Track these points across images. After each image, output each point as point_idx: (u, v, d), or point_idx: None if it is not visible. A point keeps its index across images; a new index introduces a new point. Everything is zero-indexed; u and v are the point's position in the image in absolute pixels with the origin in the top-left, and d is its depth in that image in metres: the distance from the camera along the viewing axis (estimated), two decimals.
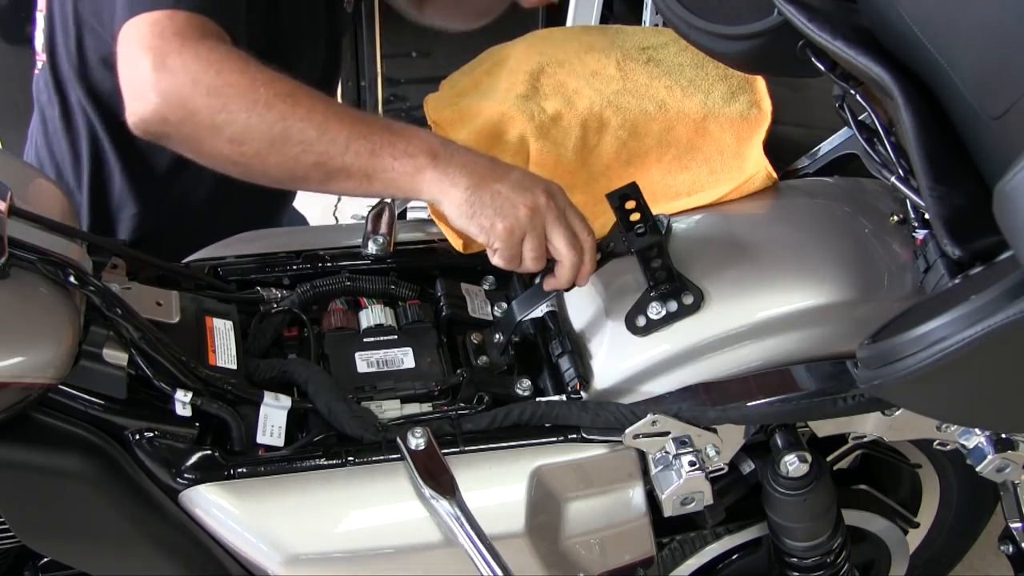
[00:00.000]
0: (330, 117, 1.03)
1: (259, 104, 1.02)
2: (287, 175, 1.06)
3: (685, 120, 1.32)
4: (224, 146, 1.03)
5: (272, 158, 1.03)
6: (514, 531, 1.08)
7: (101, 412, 0.99)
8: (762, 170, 1.26)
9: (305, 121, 1.02)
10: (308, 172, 1.05)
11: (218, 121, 1.01)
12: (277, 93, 1.03)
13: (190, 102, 1.01)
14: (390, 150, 1.04)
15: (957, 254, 0.85)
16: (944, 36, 0.85)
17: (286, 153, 1.03)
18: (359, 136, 1.03)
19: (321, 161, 1.03)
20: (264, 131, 1.02)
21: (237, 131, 1.02)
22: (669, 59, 1.39)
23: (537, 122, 1.31)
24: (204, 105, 1.01)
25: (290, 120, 1.02)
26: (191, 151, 1.06)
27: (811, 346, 1.13)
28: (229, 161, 1.05)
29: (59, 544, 1.04)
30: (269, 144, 1.02)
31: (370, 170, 1.04)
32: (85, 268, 1.01)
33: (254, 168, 1.05)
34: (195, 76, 1.01)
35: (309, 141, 1.02)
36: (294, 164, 1.04)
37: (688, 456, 1.11)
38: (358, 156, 1.03)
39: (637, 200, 1.16)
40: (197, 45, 1.03)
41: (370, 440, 1.07)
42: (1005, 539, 1.34)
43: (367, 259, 1.25)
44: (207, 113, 1.01)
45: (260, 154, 1.03)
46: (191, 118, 1.02)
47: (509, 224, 1.05)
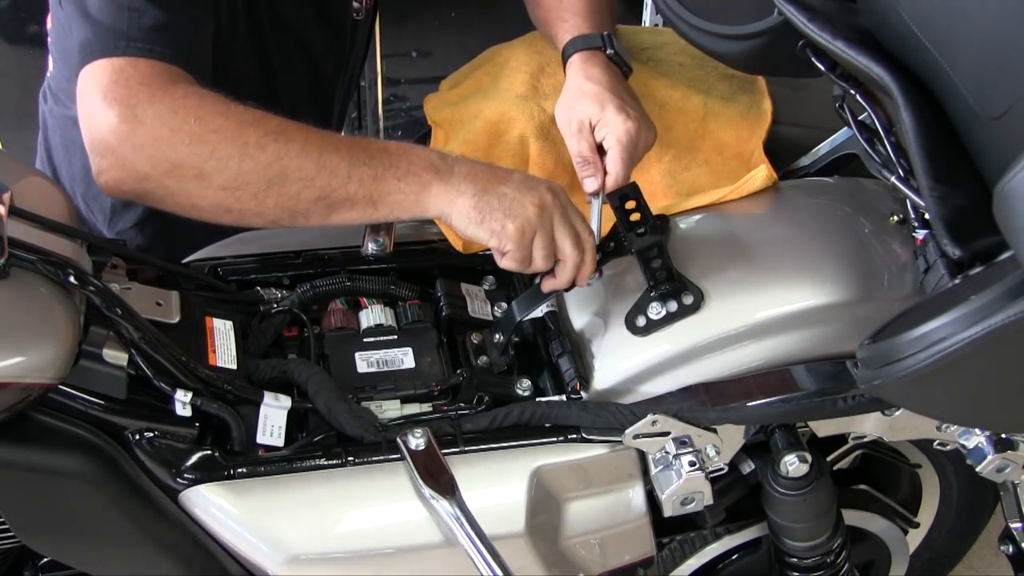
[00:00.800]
0: (326, 149, 1.01)
1: (250, 146, 0.98)
2: (287, 214, 1.02)
3: (685, 120, 1.33)
4: (215, 195, 0.99)
5: (270, 200, 1.00)
6: (514, 531, 1.08)
7: (101, 412, 0.99)
8: (762, 170, 1.26)
9: (302, 157, 0.99)
10: (310, 207, 1.02)
11: (207, 169, 0.97)
12: (267, 132, 0.99)
13: (171, 154, 0.97)
14: (393, 172, 1.02)
15: (957, 254, 0.85)
16: (944, 36, 0.85)
17: (285, 192, 1.00)
18: (359, 163, 1.01)
19: (323, 195, 1.01)
20: (260, 174, 0.98)
21: (229, 177, 0.98)
22: (669, 59, 1.40)
23: (537, 122, 1.31)
24: (187, 155, 0.97)
25: (286, 158, 0.99)
26: (176, 205, 1.01)
27: (811, 346, 1.13)
28: (221, 209, 1.01)
29: (59, 544, 1.04)
30: (267, 186, 0.99)
31: (375, 195, 1.02)
32: (85, 268, 1.01)
33: (249, 211, 1.01)
34: (172, 126, 0.97)
35: (309, 176, 1.00)
36: (295, 202, 1.01)
37: (688, 456, 1.11)
38: (361, 184, 1.01)
39: (637, 200, 1.16)
40: (168, 92, 0.98)
41: (370, 440, 1.07)
42: (1005, 539, 1.34)
43: (367, 259, 1.25)
44: (193, 163, 0.97)
45: (257, 197, 1.00)
46: (174, 171, 0.97)
47: (520, 224, 1.04)
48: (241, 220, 1.03)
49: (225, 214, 1.02)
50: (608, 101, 1.19)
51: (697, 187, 1.31)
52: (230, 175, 0.98)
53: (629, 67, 1.29)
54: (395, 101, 2.47)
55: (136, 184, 0.99)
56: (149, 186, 0.99)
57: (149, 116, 0.97)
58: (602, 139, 1.19)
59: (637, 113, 1.20)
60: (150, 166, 0.97)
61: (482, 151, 1.31)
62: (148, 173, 0.98)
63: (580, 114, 1.20)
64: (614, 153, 1.18)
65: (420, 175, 1.03)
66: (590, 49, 1.26)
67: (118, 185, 1.00)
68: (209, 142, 0.97)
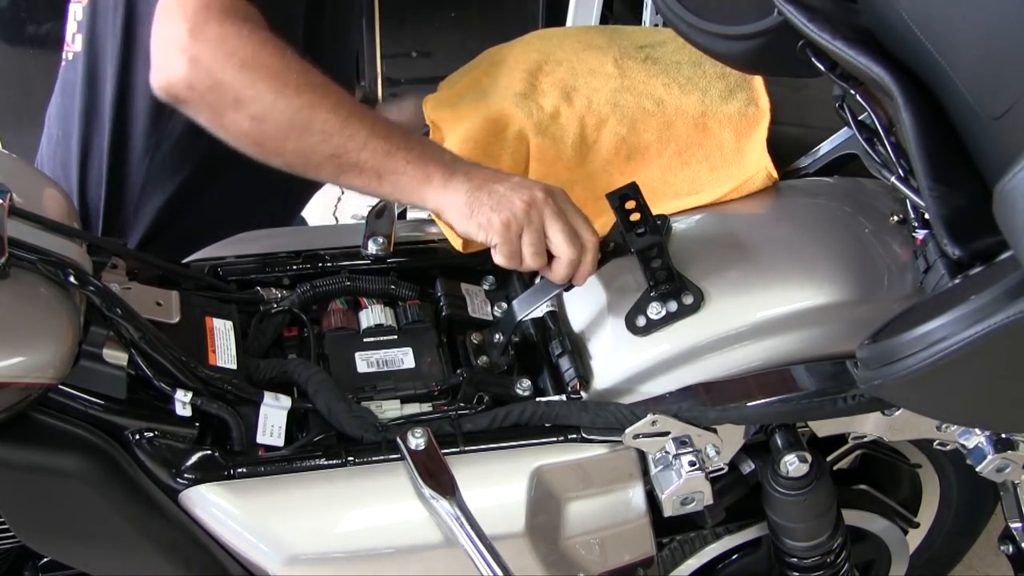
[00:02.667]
0: (354, 114, 1.06)
1: (289, 88, 1.04)
2: (301, 162, 1.07)
3: (683, 117, 1.33)
4: (244, 122, 1.05)
5: (290, 143, 1.06)
6: (514, 531, 1.08)
7: (101, 412, 0.99)
8: (762, 169, 1.26)
9: (331, 113, 1.05)
10: (323, 162, 1.07)
11: (244, 96, 1.03)
12: (309, 83, 1.05)
13: (219, 72, 1.03)
14: (404, 154, 1.07)
15: (957, 254, 0.85)
16: (944, 36, 0.85)
17: (305, 140, 1.05)
18: (378, 136, 1.06)
19: (338, 154, 1.06)
20: (289, 115, 1.04)
21: (261, 110, 1.04)
22: (667, 57, 1.40)
23: (536, 119, 1.31)
24: (233, 78, 1.03)
25: (316, 110, 1.04)
26: (209, 121, 1.07)
27: (811, 346, 1.13)
28: (247, 138, 1.06)
29: (59, 544, 1.04)
30: (290, 128, 1.04)
31: (382, 170, 1.06)
32: (85, 268, 1.01)
33: (269, 149, 1.07)
34: (230, 49, 1.03)
35: (330, 132, 1.05)
36: (311, 152, 1.06)
37: (688, 456, 1.11)
38: (374, 154, 1.06)
39: (637, 200, 1.16)
40: (237, 23, 1.05)
41: (370, 440, 1.07)
42: (1005, 539, 1.34)
43: (367, 259, 1.25)
44: (235, 86, 1.03)
45: (279, 137, 1.05)
46: (217, 88, 1.03)
47: (505, 217, 1.06)
48: (262, 155, 1.08)
49: (249, 144, 1.07)
50: None
51: (697, 184, 1.31)
52: (262, 108, 1.03)
53: None
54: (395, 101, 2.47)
55: (181, 91, 1.05)
56: (191, 96, 1.05)
57: (212, 36, 1.03)
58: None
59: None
60: (198, 77, 1.03)
61: (481, 148, 1.31)
62: (194, 84, 1.04)
63: None
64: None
65: (428, 165, 1.07)
66: None
67: (168, 88, 1.05)
68: (255, 73, 1.03)
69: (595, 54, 1.39)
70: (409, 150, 1.07)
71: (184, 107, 1.07)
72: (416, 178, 1.07)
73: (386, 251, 1.23)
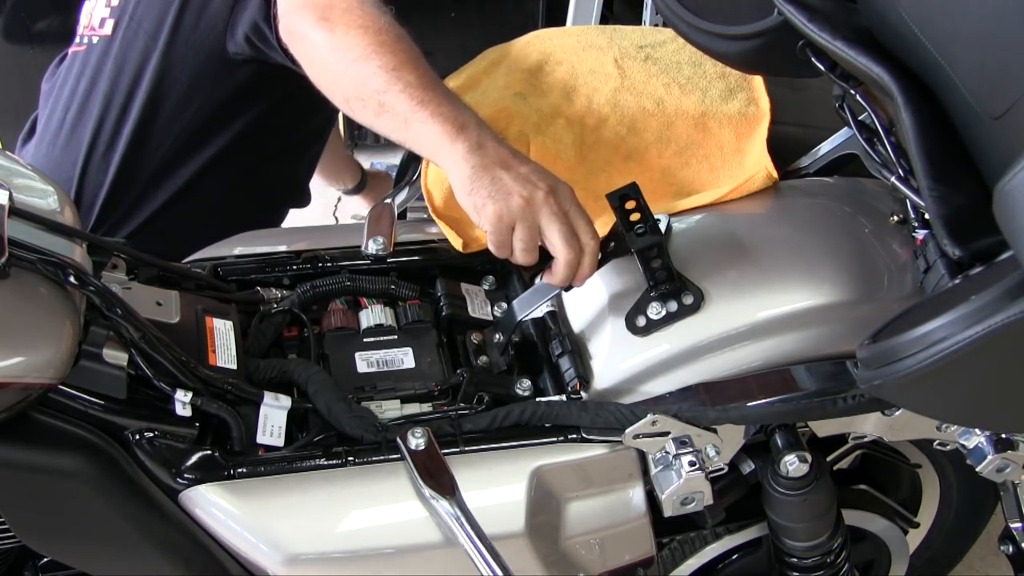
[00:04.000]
0: (410, 62, 1.14)
1: (370, 30, 1.15)
2: (355, 90, 1.15)
3: (683, 117, 1.33)
4: (323, 49, 1.17)
5: (351, 72, 1.15)
6: (514, 531, 1.08)
7: (101, 412, 0.99)
8: (763, 169, 1.26)
9: (392, 54, 1.14)
10: (367, 98, 1.14)
11: (336, 33, 1.15)
12: (393, 28, 1.16)
13: (327, 10, 1.16)
14: (434, 107, 1.10)
15: (957, 254, 0.85)
16: (944, 36, 0.85)
17: (363, 70, 1.14)
18: (419, 86, 1.12)
19: (381, 89, 1.12)
20: (359, 51, 1.14)
21: (337, 40, 1.15)
22: (667, 57, 1.40)
23: (536, 119, 1.31)
24: (338, 15, 1.16)
25: (382, 49, 1.14)
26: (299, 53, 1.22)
27: (811, 346, 1.13)
28: (320, 64, 1.19)
29: (59, 544, 1.04)
30: (354, 59, 1.14)
31: (409, 116, 1.11)
32: (85, 268, 1.01)
33: (332, 77, 1.18)
34: (346, 7, 1.16)
35: (384, 68, 1.13)
36: (363, 83, 1.14)
37: (688, 456, 1.11)
38: (409, 100, 1.11)
39: (637, 200, 1.16)
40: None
41: (370, 440, 1.07)
42: (1005, 539, 1.34)
43: (367, 259, 1.25)
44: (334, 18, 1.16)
45: (341, 64, 1.16)
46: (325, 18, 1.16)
47: (499, 209, 1.06)
48: (325, 84, 1.20)
49: (320, 69, 1.20)
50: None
51: (697, 184, 1.31)
52: (338, 38, 1.16)
53: None
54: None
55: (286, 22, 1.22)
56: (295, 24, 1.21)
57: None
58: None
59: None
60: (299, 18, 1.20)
61: None
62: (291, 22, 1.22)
63: None
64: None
65: (447, 123, 1.10)
66: None
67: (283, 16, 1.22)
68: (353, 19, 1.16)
69: (595, 54, 1.39)
70: (439, 104, 1.11)
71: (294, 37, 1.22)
72: (435, 133, 1.09)
73: (386, 251, 1.23)
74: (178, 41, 1.38)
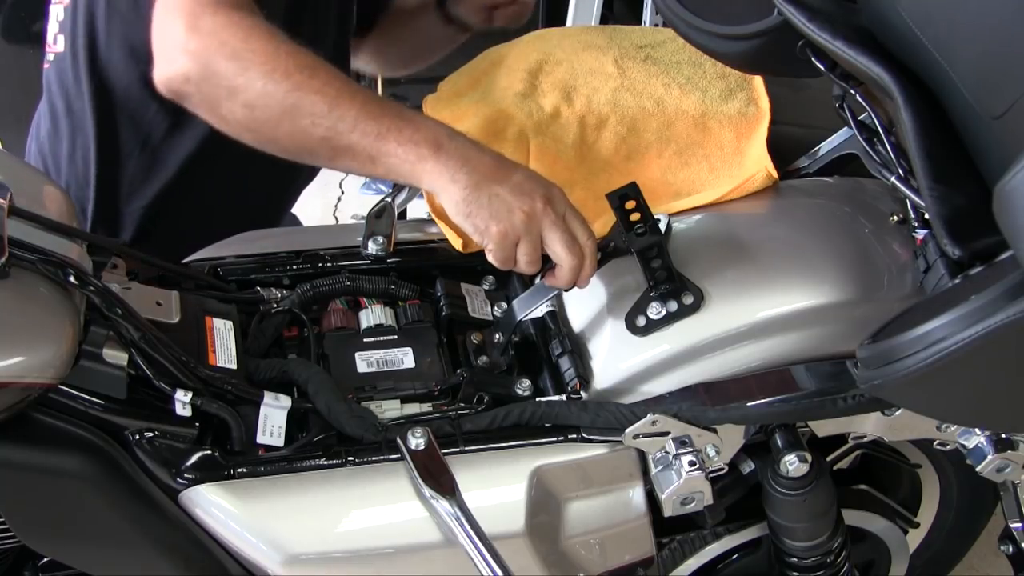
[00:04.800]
0: (343, 94, 1.05)
1: (277, 72, 1.03)
2: (297, 147, 1.07)
3: (683, 117, 1.33)
4: (239, 110, 1.05)
5: (283, 128, 1.05)
6: (514, 531, 1.08)
7: (101, 412, 0.99)
8: (763, 169, 1.26)
9: (318, 95, 1.04)
10: (316, 146, 1.06)
11: (236, 84, 1.03)
12: (297, 64, 1.04)
13: (214, 63, 1.03)
14: (396, 135, 1.05)
15: (957, 254, 0.85)
16: (944, 36, 0.85)
17: (296, 124, 1.04)
18: (368, 117, 1.04)
19: (329, 137, 1.05)
20: (278, 99, 1.03)
21: (253, 97, 1.04)
22: (667, 57, 1.40)
23: (535, 119, 1.31)
24: (225, 68, 1.03)
25: (304, 92, 1.03)
26: (208, 112, 1.08)
27: (811, 346, 1.13)
28: (243, 126, 1.07)
29: (59, 544, 1.04)
30: (281, 113, 1.04)
31: (374, 152, 1.05)
32: (85, 268, 1.01)
33: (265, 135, 1.07)
34: (223, 39, 1.03)
35: (319, 115, 1.04)
36: (304, 136, 1.05)
37: (688, 456, 1.11)
38: (364, 136, 1.04)
39: (637, 200, 1.16)
40: (229, 12, 1.05)
41: (370, 440, 1.07)
42: (1005, 539, 1.34)
43: (367, 259, 1.25)
44: (227, 75, 1.03)
45: (272, 122, 1.05)
46: (212, 79, 1.04)
47: (503, 228, 1.05)
48: (259, 143, 1.08)
49: (246, 133, 1.07)
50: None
51: (697, 184, 1.31)
52: (254, 95, 1.04)
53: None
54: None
55: (180, 85, 1.06)
56: (189, 89, 1.06)
57: (206, 27, 1.04)
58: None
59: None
60: (194, 71, 1.04)
61: None
62: (190, 76, 1.05)
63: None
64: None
65: (420, 147, 1.05)
66: None
67: (168, 83, 1.07)
68: (245, 60, 1.03)
69: (595, 54, 1.39)
70: (400, 131, 1.05)
71: (186, 102, 1.08)
72: (408, 161, 1.05)
73: (386, 251, 1.23)
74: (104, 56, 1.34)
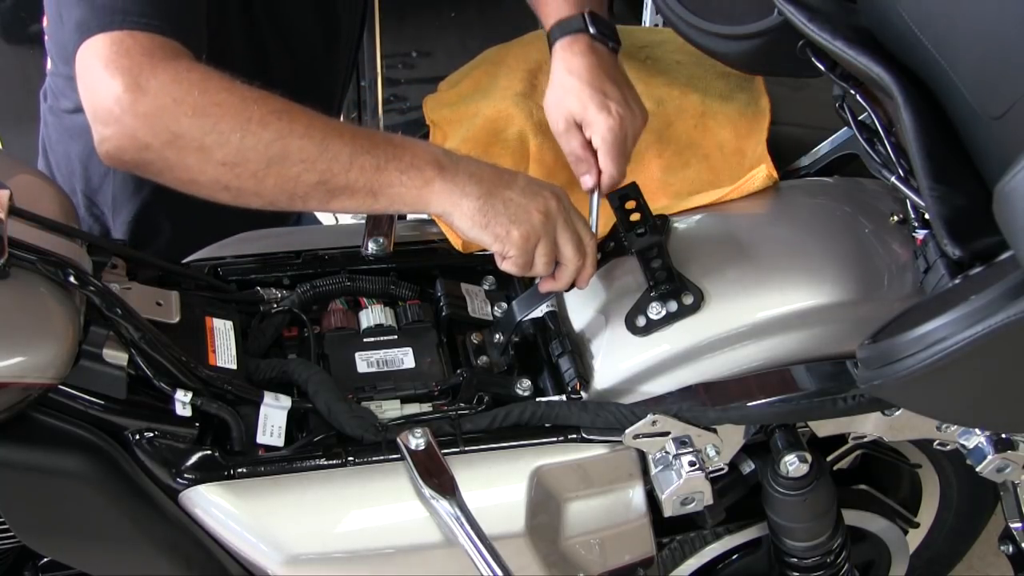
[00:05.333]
0: (329, 133, 0.99)
1: (252, 123, 0.96)
2: (285, 196, 1.00)
3: (684, 117, 1.33)
4: (215, 170, 0.97)
5: (269, 179, 0.98)
6: (514, 531, 1.08)
7: (101, 412, 0.99)
8: (762, 169, 1.26)
9: (305, 138, 0.97)
10: (309, 191, 1.00)
11: (208, 143, 0.95)
12: (271, 110, 0.97)
13: (173, 124, 0.95)
14: (396, 164, 1.00)
15: (957, 254, 0.85)
16: (944, 36, 0.85)
17: (285, 173, 0.98)
18: (362, 151, 0.99)
19: (324, 179, 0.99)
20: (261, 151, 0.96)
21: (230, 153, 0.96)
22: (667, 57, 1.40)
23: (536, 119, 1.31)
24: (189, 127, 0.95)
25: (289, 138, 0.97)
26: (175, 179, 0.99)
27: (811, 346, 1.13)
28: (219, 185, 0.99)
29: (59, 544, 1.04)
30: (267, 164, 0.97)
31: (375, 186, 1.00)
32: (85, 268, 1.01)
33: (247, 190, 0.99)
34: (176, 96, 0.95)
35: (311, 159, 0.98)
36: (294, 184, 0.99)
37: (688, 456, 1.11)
38: (363, 172, 0.99)
39: (637, 200, 1.16)
40: (170, 64, 0.97)
41: (370, 440, 1.07)
42: (1005, 539, 1.34)
43: (367, 259, 1.25)
44: (194, 135, 0.95)
45: (256, 175, 0.98)
46: (175, 142, 0.95)
47: (525, 231, 1.04)
48: (240, 199, 1.00)
49: (223, 192, 0.99)
50: (589, 98, 1.17)
51: (697, 184, 1.31)
52: (231, 150, 0.96)
53: (617, 42, 1.26)
54: (395, 101, 2.47)
55: (137, 153, 0.97)
56: (149, 156, 0.97)
57: (153, 86, 0.95)
58: (590, 137, 1.19)
59: (619, 104, 1.18)
60: (152, 135, 0.95)
61: (481, 148, 1.31)
62: (149, 143, 0.95)
63: (565, 112, 1.20)
64: (602, 153, 1.17)
65: (423, 170, 1.01)
66: (572, 33, 1.23)
67: (119, 154, 0.97)
68: (212, 115, 0.95)
69: None
70: (399, 159, 1.00)
71: (143, 170, 0.99)
72: (414, 187, 1.01)
73: (386, 251, 1.23)
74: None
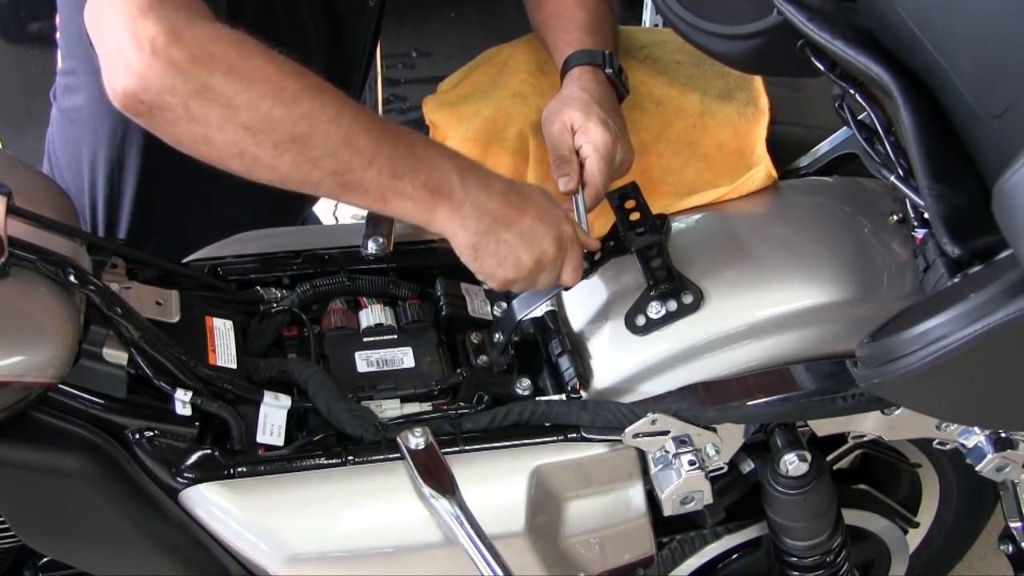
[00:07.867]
0: (357, 125, 0.95)
1: (286, 94, 0.92)
2: (299, 177, 0.96)
3: (683, 116, 1.33)
4: (235, 131, 0.91)
5: (288, 155, 0.94)
6: (514, 531, 1.08)
7: (101, 411, 0.99)
8: (762, 169, 1.26)
9: (333, 124, 0.94)
10: (323, 179, 0.96)
11: (237, 103, 0.90)
12: (306, 86, 0.93)
13: (206, 76, 0.89)
14: (411, 177, 0.98)
15: (956, 253, 0.86)
16: (944, 36, 0.85)
17: (305, 155, 0.94)
18: (384, 155, 0.96)
19: (340, 171, 0.96)
20: (289, 125, 0.92)
21: (256, 118, 0.91)
22: (666, 57, 1.40)
23: (535, 119, 1.31)
24: (222, 82, 0.89)
25: (317, 120, 0.93)
26: (188, 132, 0.93)
27: (811, 345, 1.13)
28: (235, 149, 0.93)
29: (59, 544, 1.04)
30: (289, 141, 0.93)
31: (387, 192, 0.98)
32: (85, 268, 1.01)
33: (263, 161, 0.94)
34: (213, 52, 0.90)
35: (332, 148, 0.94)
36: (311, 168, 0.95)
37: (688, 455, 1.11)
38: (379, 175, 0.97)
39: (637, 200, 1.16)
40: (206, 21, 0.92)
41: (370, 439, 1.07)
42: (1005, 539, 1.34)
43: (367, 259, 1.25)
44: (224, 91, 0.90)
45: (278, 147, 0.93)
46: (204, 93, 0.90)
47: (509, 276, 1.07)
48: (251, 170, 0.95)
49: (236, 158, 0.94)
50: (594, 112, 1.20)
51: (697, 184, 1.31)
52: (257, 116, 0.91)
53: (626, 89, 1.31)
54: (395, 101, 2.47)
55: (159, 95, 0.90)
56: (171, 100, 0.90)
57: (189, 36, 0.89)
58: (579, 147, 1.20)
59: (619, 130, 1.22)
60: (181, 80, 0.89)
61: (481, 148, 1.31)
62: (176, 87, 0.89)
63: (564, 116, 1.22)
64: (591, 162, 1.19)
65: (434, 195, 1.00)
66: (591, 65, 1.28)
67: (140, 92, 0.90)
68: (246, 77, 0.91)
69: None
70: (416, 173, 0.98)
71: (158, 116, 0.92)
72: (421, 205, 1.00)
73: (386, 251, 1.23)
74: None
